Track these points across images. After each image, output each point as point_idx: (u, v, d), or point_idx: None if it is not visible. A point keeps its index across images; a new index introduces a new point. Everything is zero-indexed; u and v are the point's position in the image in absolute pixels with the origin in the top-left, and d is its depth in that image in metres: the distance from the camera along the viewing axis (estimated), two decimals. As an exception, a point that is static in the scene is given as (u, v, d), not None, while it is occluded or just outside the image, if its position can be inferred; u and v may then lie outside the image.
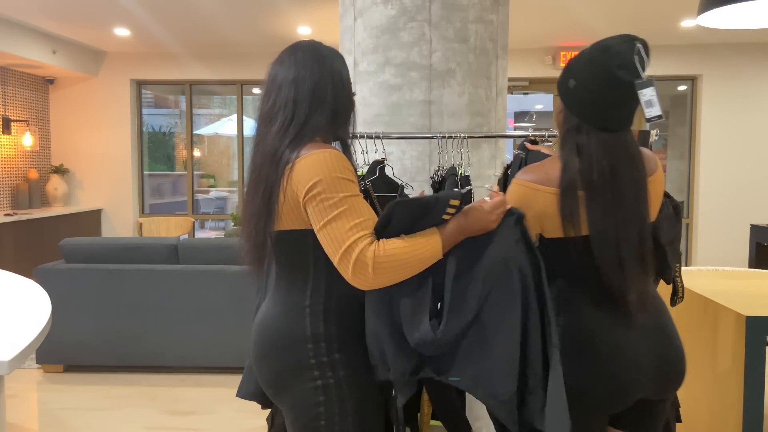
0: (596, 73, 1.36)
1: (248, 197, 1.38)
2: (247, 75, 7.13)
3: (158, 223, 6.76)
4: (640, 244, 1.39)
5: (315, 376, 1.32)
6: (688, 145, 6.92)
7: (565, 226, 1.38)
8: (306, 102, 1.35)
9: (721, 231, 6.73)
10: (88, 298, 3.88)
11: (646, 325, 1.43)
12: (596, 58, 1.37)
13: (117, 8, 5.26)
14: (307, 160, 1.27)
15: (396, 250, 1.23)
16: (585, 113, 1.39)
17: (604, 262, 1.37)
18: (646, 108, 1.32)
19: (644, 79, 1.31)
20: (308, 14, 5.44)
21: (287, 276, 1.40)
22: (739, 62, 6.60)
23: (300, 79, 1.36)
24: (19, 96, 6.66)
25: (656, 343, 1.44)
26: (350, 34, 2.49)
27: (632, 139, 1.42)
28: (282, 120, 1.34)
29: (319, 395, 1.32)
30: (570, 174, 1.37)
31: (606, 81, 1.35)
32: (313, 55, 1.39)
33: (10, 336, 1.77)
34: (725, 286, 2.53)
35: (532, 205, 1.40)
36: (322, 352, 1.33)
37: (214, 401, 3.50)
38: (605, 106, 1.37)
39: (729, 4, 2.45)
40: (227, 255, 3.93)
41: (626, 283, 1.38)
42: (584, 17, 5.48)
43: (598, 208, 1.36)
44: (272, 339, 1.37)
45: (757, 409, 2.05)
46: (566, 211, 1.37)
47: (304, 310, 1.35)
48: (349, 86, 1.44)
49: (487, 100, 2.43)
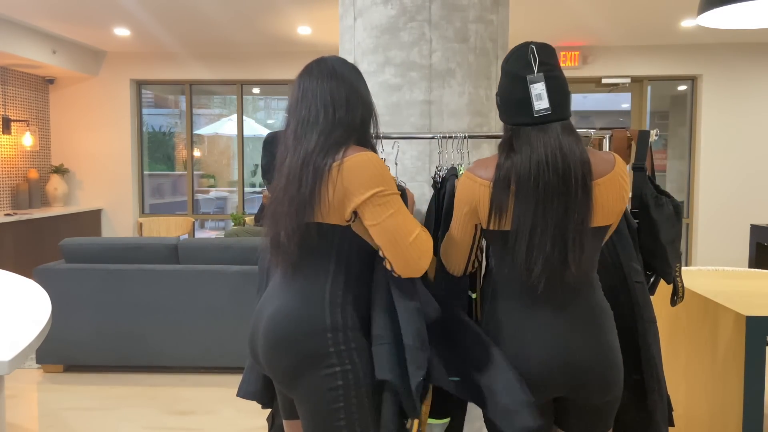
0: (508, 78, 1.50)
1: (281, 194, 1.47)
2: (247, 75, 7.13)
3: (158, 223, 6.76)
4: (561, 244, 1.40)
5: (334, 362, 1.41)
6: (688, 145, 6.92)
7: (491, 218, 1.46)
8: (342, 108, 1.48)
9: (721, 231, 6.73)
10: (88, 298, 3.88)
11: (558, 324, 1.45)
12: (505, 68, 1.52)
13: (117, 8, 5.26)
14: (356, 160, 1.42)
15: (429, 241, 1.47)
16: (503, 114, 1.53)
17: (516, 256, 1.43)
18: (536, 101, 1.45)
19: (535, 75, 1.45)
20: (308, 14, 5.44)
21: (307, 269, 1.48)
22: (739, 62, 6.60)
23: (335, 88, 1.49)
24: (19, 96, 6.66)
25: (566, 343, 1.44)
26: (350, 34, 2.49)
27: (568, 133, 1.44)
28: (324, 125, 1.46)
29: (338, 380, 1.41)
30: (502, 169, 1.45)
31: (513, 81, 1.48)
32: (342, 66, 1.54)
33: (10, 336, 1.77)
34: (725, 286, 2.53)
35: (471, 195, 1.51)
36: (341, 340, 1.43)
37: (214, 401, 3.50)
38: (516, 102, 1.47)
39: (729, 4, 2.45)
40: (227, 255, 3.93)
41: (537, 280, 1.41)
42: (584, 17, 5.48)
43: (521, 202, 1.42)
44: (290, 329, 1.44)
45: (757, 409, 2.05)
46: (494, 203, 1.45)
47: (324, 301, 1.45)
48: (370, 96, 1.59)
49: (487, 100, 2.43)
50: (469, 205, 1.52)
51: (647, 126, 6.96)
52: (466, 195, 1.52)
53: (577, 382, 1.45)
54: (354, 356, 1.43)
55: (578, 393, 1.48)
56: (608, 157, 1.48)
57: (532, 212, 1.40)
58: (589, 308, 1.48)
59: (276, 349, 1.46)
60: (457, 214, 1.58)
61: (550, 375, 1.44)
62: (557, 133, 1.42)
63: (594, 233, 1.45)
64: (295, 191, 1.44)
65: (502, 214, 1.44)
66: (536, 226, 1.40)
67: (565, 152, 1.40)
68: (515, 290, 1.49)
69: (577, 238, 1.40)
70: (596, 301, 1.49)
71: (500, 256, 1.51)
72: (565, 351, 1.44)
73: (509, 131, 1.50)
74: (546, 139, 1.42)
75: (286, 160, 1.48)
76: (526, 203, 1.41)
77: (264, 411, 1.78)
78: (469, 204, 1.52)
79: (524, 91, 1.45)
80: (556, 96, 1.44)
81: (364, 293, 1.51)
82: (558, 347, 1.44)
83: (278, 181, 1.49)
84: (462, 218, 1.56)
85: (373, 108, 1.58)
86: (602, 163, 1.46)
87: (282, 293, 1.51)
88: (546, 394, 1.47)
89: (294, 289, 1.49)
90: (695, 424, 2.43)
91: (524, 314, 1.47)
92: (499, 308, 1.52)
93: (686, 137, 6.98)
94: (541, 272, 1.40)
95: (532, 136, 1.43)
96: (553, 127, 1.43)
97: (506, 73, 1.51)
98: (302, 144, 1.47)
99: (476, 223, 1.55)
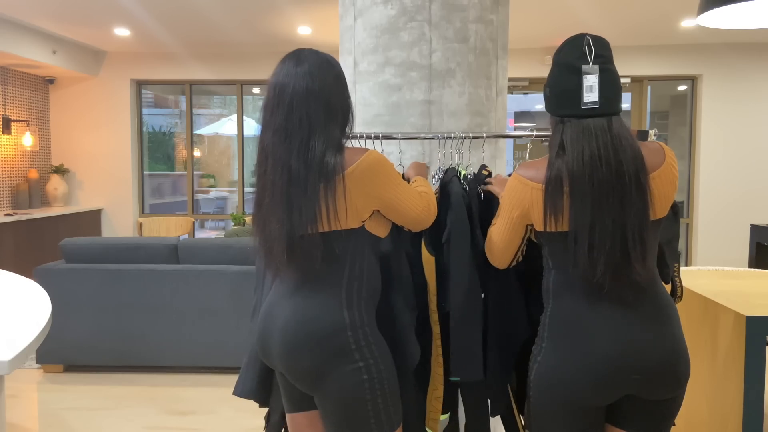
0: (560, 69, 1.49)
1: (275, 204, 1.46)
2: (247, 75, 7.13)
3: (158, 223, 6.76)
4: (622, 242, 1.38)
5: (357, 358, 1.45)
6: (688, 145, 6.92)
7: (547, 221, 1.44)
8: (321, 117, 1.46)
9: (721, 231, 6.73)
10: (88, 298, 3.88)
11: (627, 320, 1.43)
12: (558, 60, 1.50)
13: (117, 8, 5.26)
14: (365, 163, 1.46)
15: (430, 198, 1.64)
16: (555, 106, 1.50)
17: (578, 257, 1.40)
18: (586, 92, 1.43)
19: (590, 65, 1.43)
20: (308, 14, 5.44)
21: (321, 271, 1.49)
22: (739, 62, 6.60)
23: (312, 93, 1.46)
24: (19, 96, 6.66)
25: (637, 339, 1.42)
26: (350, 34, 2.49)
27: (619, 128, 1.43)
28: (301, 137, 1.44)
29: (362, 374, 1.45)
30: (554, 168, 1.43)
31: (567, 70, 1.46)
32: (319, 65, 1.50)
33: (10, 336, 1.77)
34: (725, 286, 2.53)
35: (522, 199, 1.49)
36: (361, 337, 1.47)
37: (214, 401, 3.50)
38: (565, 93, 1.45)
39: (729, 4, 2.45)
40: (227, 255, 3.93)
41: (602, 279, 1.39)
42: (584, 17, 5.48)
43: (577, 201, 1.39)
44: (311, 332, 1.47)
45: (757, 409, 2.05)
46: (548, 205, 1.43)
47: (342, 302, 1.48)
48: (347, 89, 1.58)
49: (487, 100, 2.43)
50: (520, 209, 1.51)
51: (647, 126, 6.96)
52: (516, 198, 1.51)
53: (649, 377, 1.43)
54: (374, 350, 1.48)
55: (649, 389, 1.45)
56: (656, 146, 1.48)
57: (589, 211, 1.38)
58: (655, 302, 1.47)
59: (297, 351, 1.47)
60: (506, 216, 1.56)
61: (623, 373, 1.41)
62: (607, 128, 1.41)
63: (653, 226, 1.44)
64: (297, 203, 1.43)
65: (557, 216, 1.42)
66: (594, 225, 1.38)
67: (616, 147, 1.39)
68: (579, 290, 1.45)
69: (636, 233, 1.38)
70: (660, 294, 1.48)
71: (559, 257, 1.48)
72: (636, 347, 1.42)
73: (558, 124, 1.48)
74: (597, 134, 1.40)
75: (269, 169, 1.46)
76: (582, 202, 1.38)
77: (263, 410, 1.79)
78: (521, 207, 1.50)
79: (576, 82, 1.44)
80: (608, 90, 1.43)
81: (376, 288, 1.55)
82: (629, 344, 1.41)
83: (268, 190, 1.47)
84: (512, 221, 1.55)
85: (349, 101, 1.57)
86: (653, 156, 1.45)
87: (296, 298, 1.51)
88: (617, 392, 1.44)
89: (308, 294, 1.50)
90: (695, 424, 2.43)
91: (591, 313, 1.44)
92: (564, 308, 1.48)
93: (686, 137, 6.98)
94: (604, 271, 1.38)
95: (581, 130, 1.42)
96: (604, 122, 1.42)
97: (558, 64, 1.49)
98: (273, 157, 1.45)
99: (527, 224, 1.54)
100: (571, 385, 1.43)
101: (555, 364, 1.46)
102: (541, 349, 1.50)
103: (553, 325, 1.49)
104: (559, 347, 1.46)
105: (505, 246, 1.61)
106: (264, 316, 1.57)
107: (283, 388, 1.62)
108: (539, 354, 1.50)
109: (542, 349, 1.50)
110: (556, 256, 1.49)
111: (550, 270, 1.53)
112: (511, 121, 8.28)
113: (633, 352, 1.41)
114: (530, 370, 1.52)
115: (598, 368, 1.41)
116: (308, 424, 1.62)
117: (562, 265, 1.48)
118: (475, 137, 2.01)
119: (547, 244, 1.51)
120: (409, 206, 1.56)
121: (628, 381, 1.42)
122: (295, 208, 1.43)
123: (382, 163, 1.50)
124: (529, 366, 1.54)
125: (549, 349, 1.48)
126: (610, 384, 1.42)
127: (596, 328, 1.43)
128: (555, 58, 1.51)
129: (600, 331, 1.43)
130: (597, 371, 1.41)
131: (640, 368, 1.42)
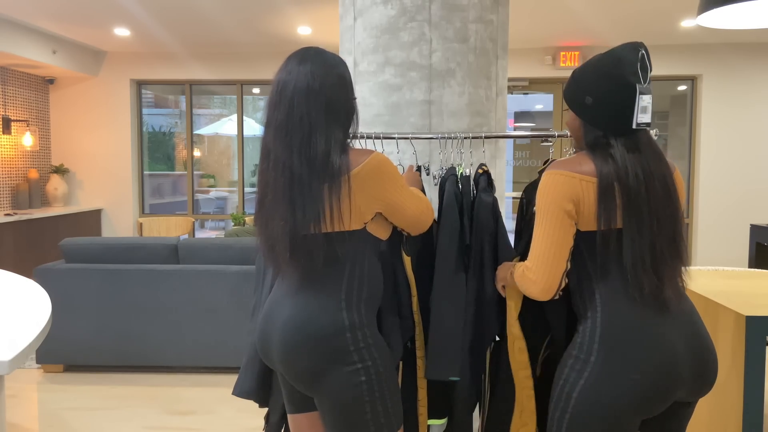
0: (613, 85, 1.41)
1: (267, 196, 1.48)
2: (247, 75, 7.13)
3: (158, 223, 6.76)
4: (674, 239, 1.42)
5: (355, 360, 1.45)
6: (688, 145, 6.92)
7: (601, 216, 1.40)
8: (322, 116, 1.45)
9: (721, 231, 6.72)
10: (88, 298, 3.88)
11: (681, 322, 1.42)
12: (611, 72, 1.42)
13: (117, 8, 5.26)
14: (371, 164, 1.46)
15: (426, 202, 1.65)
16: (611, 126, 1.44)
17: (637, 258, 1.39)
18: (640, 113, 1.39)
19: (645, 86, 1.39)
20: (308, 14, 5.44)
21: (322, 272, 1.49)
22: (739, 62, 6.60)
23: (312, 91, 1.45)
24: (19, 96, 6.66)
25: (691, 340, 1.42)
26: (350, 34, 2.49)
27: (652, 137, 1.47)
28: (301, 135, 1.43)
29: (361, 376, 1.44)
30: (603, 169, 1.41)
31: (622, 90, 1.41)
32: (322, 63, 1.49)
33: (10, 336, 1.77)
34: (725, 286, 2.52)
35: (573, 192, 1.42)
36: (359, 338, 1.46)
37: (214, 401, 3.50)
38: (626, 114, 1.41)
39: (729, 4, 2.45)
40: (227, 255, 3.93)
41: (662, 279, 1.40)
42: (584, 17, 5.47)
43: (634, 209, 1.39)
44: (310, 333, 1.46)
45: (757, 409, 2.05)
46: (602, 199, 1.40)
47: (341, 303, 1.48)
48: (352, 89, 1.57)
49: (487, 100, 2.43)
50: (572, 202, 1.41)
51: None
52: (566, 191, 1.41)
53: (701, 379, 1.42)
54: (373, 352, 1.47)
55: (694, 392, 1.43)
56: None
57: (646, 225, 1.39)
58: (691, 303, 1.49)
59: (296, 352, 1.47)
60: (552, 216, 1.43)
61: (681, 377, 1.38)
62: (648, 142, 1.44)
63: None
64: (299, 202, 1.43)
65: (610, 213, 1.38)
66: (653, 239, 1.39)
67: (658, 158, 1.43)
68: (630, 299, 1.40)
69: (681, 241, 1.42)
70: (687, 295, 1.50)
71: (602, 261, 1.43)
72: (690, 353, 1.40)
73: (598, 135, 1.45)
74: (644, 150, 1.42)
75: (271, 166, 1.46)
76: (638, 217, 1.39)
77: (263, 411, 1.79)
78: (573, 200, 1.41)
79: (628, 100, 1.39)
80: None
81: (376, 290, 1.55)
82: (683, 352, 1.39)
83: (270, 187, 1.47)
84: (561, 220, 1.42)
85: (353, 102, 1.55)
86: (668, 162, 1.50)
87: (296, 298, 1.51)
88: (671, 398, 1.40)
89: (308, 294, 1.49)
90: (695, 424, 2.43)
91: (644, 324, 1.39)
92: (616, 319, 1.40)
93: (686, 137, 6.97)
94: (661, 279, 1.39)
95: (632, 146, 1.42)
96: (646, 135, 1.45)
97: (608, 75, 1.42)
98: (273, 155, 1.45)
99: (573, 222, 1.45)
100: (627, 398, 1.36)
101: (607, 379, 1.37)
102: (588, 363, 1.40)
103: (604, 337, 1.40)
104: (613, 360, 1.38)
105: (555, 255, 1.43)
106: (264, 316, 1.57)
107: (285, 389, 1.62)
108: (585, 369, 1.40)
109: (590, 363, 1.40)
110: (597, 260, 1.43)
111: (592, 278, 1.45)
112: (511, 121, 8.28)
113: (688, 358, 1.40)
114: (568, 384, 1.43)
115: (658, 381, 1.36)
116: (310, 425, 1.62)
117: (603, 272, 1.43)
118: (475, 137, 2.01)
119: (591, 248, 1.44)
120: (411, 209, 1.57)
121: (687, 385, 1.41)
122: (298, 207, 1.43)
123: (387, 165, 1.50)
124: (563, 381, 1.44)
125: (599, 362, 1.39)
126: (668, 395, 1.38)
127: (652, 339, 1.38)
128: (601, 67, 1.43)
129: (656, 341, 1.38)
130: (657, 384, 1.36)
131: (693, 374, 1.41)
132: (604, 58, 1.44)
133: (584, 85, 1.46)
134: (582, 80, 1.47)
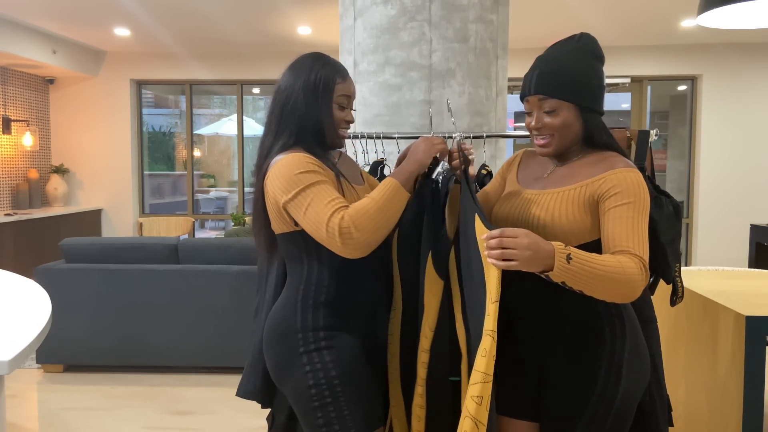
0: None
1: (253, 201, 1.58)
2: (247, 75, 7.12)
3: (158, 223, 6.76)
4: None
5: (304, 362, 1.44)
6: (688, 145, 6.92)
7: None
8: (275, 116, 1.49)
9: (721, 231, 6.72)
10: (88, 298, 3.88)
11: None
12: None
13: (117, 8, 5.26)
14: (272, 169, 1.42)
15: (364, 204, 1.35)
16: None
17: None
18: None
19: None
20: (308, 14, 5.44)
21: (286, 273, 1.56)
22: (739, 62, 6.60)
23: (276, 90, 1.51)
24: (19, 96, 6.66)
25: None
26: (350, 34, 2.49)
27: None
28: (266, 131, 1.51)
29: (309, 380, 1.43)
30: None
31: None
32: (295, 66, 1.51)
33: (10, 336, 1.77)
34: (725, 286, 2.52)
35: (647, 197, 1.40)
36: (310, 340, 1.45)
37: (214, 401, 3.50)
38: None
39: (729, 4, 2.45)
40: (227, 255, 3.93)
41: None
42: (584, 17, 5.47)
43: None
44: (272, 330, 1.52)
45: (757, 409, 2.05)
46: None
47: (297, 304, 1.48)
48: (326, 96, 1.47)
49: (487, 100, 2.43)
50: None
51: (647, 126, 6.96)
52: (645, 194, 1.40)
53: None
54: (325, 356, 1.44)
55: None
56: None
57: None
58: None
59: (265, 348, 1.55)
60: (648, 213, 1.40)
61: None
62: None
63: None
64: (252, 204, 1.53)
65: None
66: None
67: None
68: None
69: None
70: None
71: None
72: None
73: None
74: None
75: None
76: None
77: (264, 411, 1.78)
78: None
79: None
80: None
81: (341, 295, 1.48)
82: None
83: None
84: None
85: (324, 110, 1.47)
86: None
87: (277, 295, 1.61)
88: None
89: (282, 293, 1.56)
90: (695, 424, 2.43)
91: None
92: (639, 332, 1.45)
93: (686, 137, 6.97)
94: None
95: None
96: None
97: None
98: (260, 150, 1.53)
99: None
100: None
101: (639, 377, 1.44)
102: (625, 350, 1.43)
103: (641, 350, 1.46)
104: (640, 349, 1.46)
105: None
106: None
107: None
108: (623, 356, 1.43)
109: (624, 360, 1.42)
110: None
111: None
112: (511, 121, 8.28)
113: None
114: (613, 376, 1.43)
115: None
116: None
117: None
118: (475, 137, 2.01)
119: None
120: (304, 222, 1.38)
121: None
122: (252, 206, 1.53)
123: (283, 166, 1.40)
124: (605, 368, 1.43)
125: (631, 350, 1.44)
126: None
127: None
128: None
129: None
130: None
131: None
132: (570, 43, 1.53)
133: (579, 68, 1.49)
134: (572, 65, 1.48)
